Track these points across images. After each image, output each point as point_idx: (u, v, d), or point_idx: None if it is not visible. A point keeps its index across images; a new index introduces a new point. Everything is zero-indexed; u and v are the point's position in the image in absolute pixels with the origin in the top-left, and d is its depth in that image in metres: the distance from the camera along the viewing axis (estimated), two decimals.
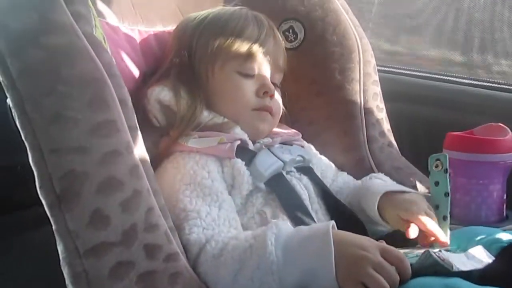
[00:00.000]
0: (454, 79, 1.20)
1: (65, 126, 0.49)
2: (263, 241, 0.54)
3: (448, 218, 0.68)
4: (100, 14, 0.76)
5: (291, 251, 0.53)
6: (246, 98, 0.75)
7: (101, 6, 0.79)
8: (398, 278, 0.50)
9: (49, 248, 0.53)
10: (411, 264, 0.51)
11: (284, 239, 0.54)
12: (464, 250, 0.58)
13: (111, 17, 0.81)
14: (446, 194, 0.68)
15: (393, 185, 0.77)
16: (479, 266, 0.54)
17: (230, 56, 0.75)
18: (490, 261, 0.55)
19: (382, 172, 0.89)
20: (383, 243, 0.54)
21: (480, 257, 0.56)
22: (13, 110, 0.51)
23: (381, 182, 0.79)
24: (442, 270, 0.50)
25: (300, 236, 0.55)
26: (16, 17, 0.50)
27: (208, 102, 0.76)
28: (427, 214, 0.66)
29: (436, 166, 0.68)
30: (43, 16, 0.51)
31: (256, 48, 0.76)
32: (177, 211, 0.62)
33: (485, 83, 1.15)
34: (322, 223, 0.56)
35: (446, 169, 0.68)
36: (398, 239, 0.67)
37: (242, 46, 0.75)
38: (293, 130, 0.86)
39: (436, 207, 0.69)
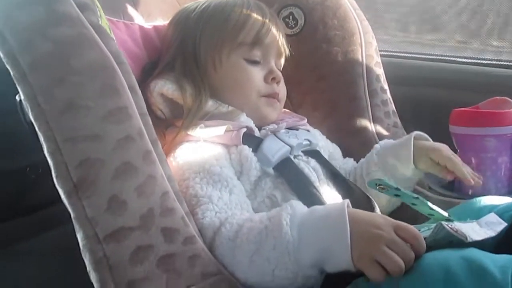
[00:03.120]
0: (455, 58, 1.20)
1: (78, 114, 0.49)
2: (279, 221, 0.54)
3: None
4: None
5: (307, 230, 0.53)
6: (254, 85, 0.76)
7: (102, 2, 0.80)
8: (413, 255, 0.49)
9: (68, 247, 0.53)
10: (424, 239, 0.51)
11: (299, 219, 0.55)
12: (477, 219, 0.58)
13: (112, 12, 0.82)
14: (430, 209, 0.59)
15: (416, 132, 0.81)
16: (493, 234, 0.53)
17: (236, 44, 0.76)
18: (503, 227, 0.55)
19: None
20: (397, 221, 0.54)
21: (493, 224, 0.56)
22: (24, 104, 0.52)
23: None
24: (456, 241, 0.50)
25: (315, 215, 0.55)
26: (22, 11, 0.51)
27: (213, 91, 0.76)
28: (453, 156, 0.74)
29: (384, 189, 0.60)
30: (49, 9, 0.51)
31: (261, 35, 0.76)
32: (188, 198, 0.63)
33: (486, 61, 1.16)
34: (337, 202, 0.57)
35: (396, 187, 0.59)
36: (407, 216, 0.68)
37: (248, 34, 0.76)
38: (298, 115, 0.87)
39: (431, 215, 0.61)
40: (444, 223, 0.51)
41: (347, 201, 0.55)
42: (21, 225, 1.06)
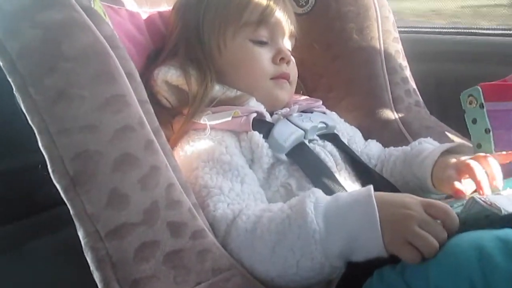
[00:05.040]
0: (475, 30, 1.14)
1: (71, 104, 0.46)
2: (302, 210, 0.51)
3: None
4: None
5: (333, 218, 0.50)
6: (262, 66, 0.72)
7: None
8: (446, 233, 0.46)
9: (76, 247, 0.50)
10: (457, 214, 0.48)
11: (324, 207, 0.51)
12: None
13: (114, 1, 0.78)
14: (487, 130, 0.64)
15: (447, 144, 0.71)
16: None
17: (241, 25, 0.71)
18: None
19: (411, 132, 0.84)
20: (426, 199, 0.50)
21: None
22: (16, 95, 0.49)
23: (430, 147, 0.73)
24: (490, 215, 0.47)
25: (341, 203, 0.51)
26: None
27: (219, 76, 0.72)
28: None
29: (470, 103, 0.64)
30: None
31: (267, 14, 0.72)
32: (198, 189, 0.59)
33: (507, 31, 1.09)
34: (361, 188, 0.53)
35: (482, 103, 0.63)
36: None
37: (252, 13, 0.71)
38: (312, 98, 0.82)
39: (478, 146, 0.64)
40: (476, 197, 0.48)
41: (371, 186, 0.51)
42: (33, 224, 1.05)
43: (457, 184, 0.60)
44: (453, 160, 0.65)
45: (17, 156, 1.04)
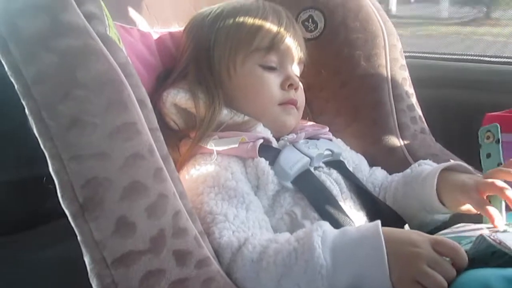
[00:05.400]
0: (483, 58, 1.15)
1: (84, 131, 0.47)
2: (310, 244, 0.51)
3: None
4: (114, 17, 0.74)
5: (341, 254, 0.50)
6: (271, 92, 0.73)
7: (116, 10, 0.77)
8: (455, 272, 0.47)
9: (75, 261, 0.51)
10: (465, 251, 0.48)
11: (331, 241, 0.51)
12: None
13: (126, 20, 0.79)
14: (499, 164, 0.66)
15: (446, 163, 0.71)
16: None
17: (251, 50, 0.72)
18: None
19: (416, 160, 0.84)
20: (434, 236, 0.50)
21: None
22: (29, 118, 0.50)
23: (430, 167, 0.74)
24: (499, 253, 0.47)
25: (348, 238, 0.51)
26: (27, 21, 0.48)
27: (228, 100, 0.73)
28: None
29: (488, 138, 0.67)
30: (54, 19, 0.48)
31: (277, 40, 0.73)
32: (203, 215, 0.59)
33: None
34: (369, 223, 0.53)
35: (498, 139, 0.66)
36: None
37: (263, 39, 0.72)
38: (319, 124, 0.83)
39: None
40: (485, 234, 0.49)
41: (379, 222, 0.51)
42: (38, 235, 1.05)
43: (491, 210, 0.59)
44: (463, 177, 0.65)
45: (21, 168, 1.05)
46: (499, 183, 0.60)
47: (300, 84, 0.78)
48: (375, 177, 0.80)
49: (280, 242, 0.54)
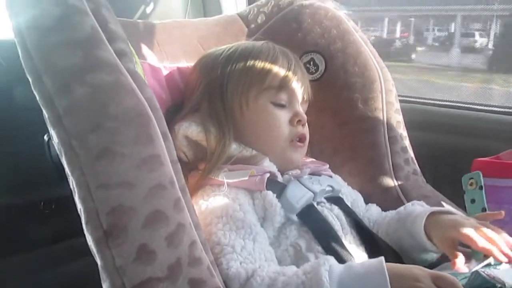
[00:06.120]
0: (472, 106, 1.21)
1: (113, 161, 0.49)
2: (318, 278, 0.53)
3: None
4: None
5: None
6: (281, 128, 0.77)
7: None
8: None
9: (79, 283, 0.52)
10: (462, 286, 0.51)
11: (338, 276, 0.54)
12: None
13: (137, 53, 0.83)
14: (484, 209, 0.71)
15: (437, 207, 0.76)
16: None
17: (264, 88, 0.77)
18: None
19: (409, 200, 0.88)
20: (434, 271, 0.53)
21: None
22: (57, 147, 0.52)
23: (422, 208, 0.78)
24: (493, 287, 0.51)
25: (354, 273, 0.54)
26: (62, 55, 0.51)
27: (237, 134, 0.76)
28: (477, 229, 0.65)
29: (471, 185, 0.72)
30: (88, 53, 0.52)
31: (287, 80, 0.78)
32: (211, 245, 0.61)
33: (502, 109, 1.16)
34: (373, 259, 0.56)
35: (481, 186, 0.71)
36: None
37: (274, 78, 0.77)
38: (319, 161, 0.87)
39: None
40: (480, 270, 0.53)
41: (383, 258, 0.54)
42: (30, 260, 1.04)
43: (458, 263, 0.62)
44: (456, 217, 0.69)
45: (19, 193, 1.05)
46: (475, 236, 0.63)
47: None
48: (371, 213, 0.84)
49: (288, 275, 0.56)
